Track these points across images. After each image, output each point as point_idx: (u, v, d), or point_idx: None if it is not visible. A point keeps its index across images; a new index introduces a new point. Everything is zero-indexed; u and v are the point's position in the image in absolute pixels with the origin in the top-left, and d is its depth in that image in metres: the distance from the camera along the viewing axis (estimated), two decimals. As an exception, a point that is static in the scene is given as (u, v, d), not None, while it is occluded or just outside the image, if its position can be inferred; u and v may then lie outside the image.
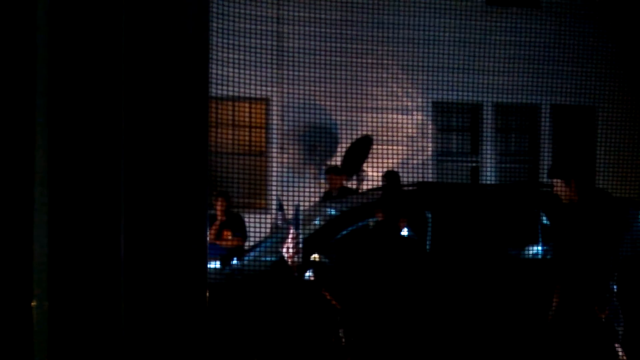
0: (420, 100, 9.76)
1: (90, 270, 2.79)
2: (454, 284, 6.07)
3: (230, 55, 6.52)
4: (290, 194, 7.98)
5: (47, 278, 2.69)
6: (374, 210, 5.76)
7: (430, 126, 10.11)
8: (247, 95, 7.59)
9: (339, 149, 9.79)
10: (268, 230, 7.93)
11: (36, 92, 2.67)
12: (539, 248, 6.74)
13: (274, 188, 8.56)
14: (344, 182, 8.63)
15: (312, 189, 8.64)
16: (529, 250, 6.86)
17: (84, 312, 2.77)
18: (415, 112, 9.79)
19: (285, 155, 9.60)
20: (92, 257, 2.80)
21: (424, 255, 5.84)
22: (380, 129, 8.75)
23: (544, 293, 5.39)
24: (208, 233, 5.70)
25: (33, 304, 2.68)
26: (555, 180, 5.28)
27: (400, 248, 5.42)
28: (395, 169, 8.67)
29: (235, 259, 6.93)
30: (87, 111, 2.82)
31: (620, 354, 5.11)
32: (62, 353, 2.74)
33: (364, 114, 8.83)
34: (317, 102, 8.27)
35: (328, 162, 9.85)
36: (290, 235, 6.01)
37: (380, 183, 8.51)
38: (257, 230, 7.01)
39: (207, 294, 3.10)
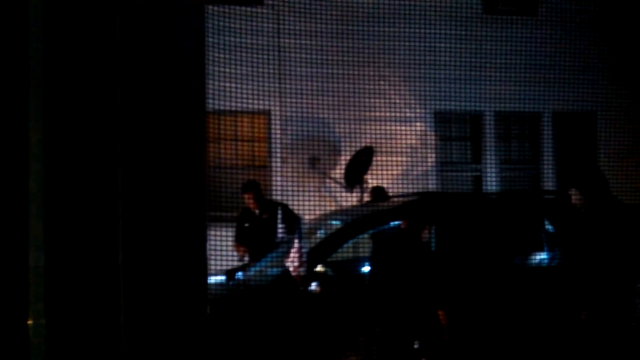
0: (421, 110, 9.77)
1: (88, 285, 2.79)
2: (459, 290, 6.05)
3: (230, 70, 6.54)
4: (293, 206, 7.99)
5: (43, 295, 2.69)
6: (400, 218, 5.81)
7: (431, 136, 10.12)
8: (248, 108, 7.60)
9: (340, 160, 9.79)
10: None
11: (29, 96, 2.68)
12: (544, 255, 6.72)
13: (276, 200, 8.54)
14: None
15: (315, 201, 8.64)
16: (534, 257, 6.84)
17: (82, 329, 2.77)
18: (416, 122, 9.79)
19: (288, 168, 9.60)
20: (90, 271, 2.80)
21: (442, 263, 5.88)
22: (381, 139, 8.75)
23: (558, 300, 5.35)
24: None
25: (29, 322, 2.68)
26: (571, 189, 5.15)
27: (422, 255, 5.49)
28: (398, 180, 8.66)
29: (239, 272, 6.93)
30: (83, 120, 2.83)
31: None
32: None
33: (365, 125, 8.83)
34: (318, 114, 8.28)
35: (332, 174, 9.86)
36: (294, 248, 6.02)
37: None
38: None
39: (209, 307, 3.09)
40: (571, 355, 5.12)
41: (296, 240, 6.01)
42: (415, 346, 5.53)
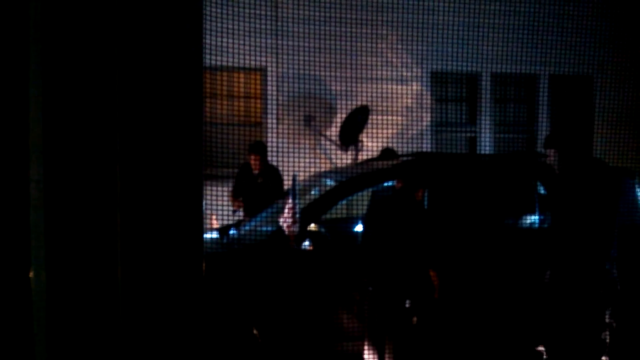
0: (418, 70, 9.73)
1: (86, 241, 2.81)
2: (451, 251, 6.10)
3: (226, 25, 6.48)
4: (287, 164, 7.99)
5: (44, 248, 2.71)
6: (394, 178, 5.83)
7: (427, 96, 10.09)
8: (244, 65, 7.55)
9: (336, 119, 9.78)
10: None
11: (30, 56, 2.67)
12: (536, 217, 6.76)
13: (270, 158, 8.55)
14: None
15: (309, 160, 8.65)
16: (525, 219, 6.89)
17: (81, 281, 2.80)
18: (413, 83, 9.76)
19: (283, 126, 9.58)
20: (88, 227, 2.82)
21: (437, 224, 5.91)
22: (377, 99, 8.73)
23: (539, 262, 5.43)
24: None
25: (31, 274, 2.71)
26: (550, 150, 5.29)
27: (416, 216, 5.52)
28: (393, 140, 8.66)
29: (233, 229, 6.96)
30: (80, 81, 2.82)
31: (608, 321, 5.17)
32: (61, 322, 2.77)
33: (362, 84, 8.80)
34: (314, 72, 8.24)
35: (327, 133, 9.85)
36: (288, 206, 6.03)
37: (375, 153, 8.50)
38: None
39: (204, 264, 3.12)
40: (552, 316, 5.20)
41: (290, 199, 6.03)
42: (407, 305, 5.60)
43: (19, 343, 2.66)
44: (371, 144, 8.73)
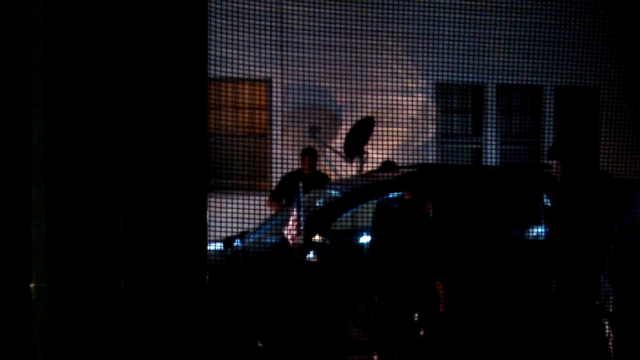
0: (423, 81, 9.72)
1: (88, 251, 2.80)
2: (456, 262, 6.08)
3: (231, 37, 6.49)
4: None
5: (45, 259, 2.70)
6: (403, 190, 5.82)
7: (433, 108, 10.08)
8: (249, 76, 7.56)
9: (340, 131, 9.77)
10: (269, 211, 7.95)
11: (32, 63, 2.66)
12: (541, 229, 6.74)
13: (275, 170, 8.55)
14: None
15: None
16: (531, 231, 6.86)
17: (83, 293, 2.78)
18: (418, 94, 9.74)
19: (288, 137, 9.58)
20: (91, 239, 2.81)
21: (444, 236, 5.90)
22: (382, 110, 8.72)
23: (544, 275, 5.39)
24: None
25: (32, 285, 2.69)
26: (553, 161, 5.30)
27: (426, 227, 5.51)
28: (398, 151, 8.65)
29: (237, 240, 6.95)
30: (84, 92, 2.81)
31: (607, 331, 5.14)
32: (62, 334, 2.75)
33: (367, 95, 8.79)
34: (319, 84, 8.24)
35: (332, 144, 9.84)
36: (293, 217, 6.03)
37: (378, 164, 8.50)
38: (259, 211, 7.01)
39: (208, 275, 3.10)
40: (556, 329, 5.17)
41: (295, 209, 6.02)
42: (415, 318, 5.57)
43: (20, 354, 2.64)
44: (376, 155, 8.71)
